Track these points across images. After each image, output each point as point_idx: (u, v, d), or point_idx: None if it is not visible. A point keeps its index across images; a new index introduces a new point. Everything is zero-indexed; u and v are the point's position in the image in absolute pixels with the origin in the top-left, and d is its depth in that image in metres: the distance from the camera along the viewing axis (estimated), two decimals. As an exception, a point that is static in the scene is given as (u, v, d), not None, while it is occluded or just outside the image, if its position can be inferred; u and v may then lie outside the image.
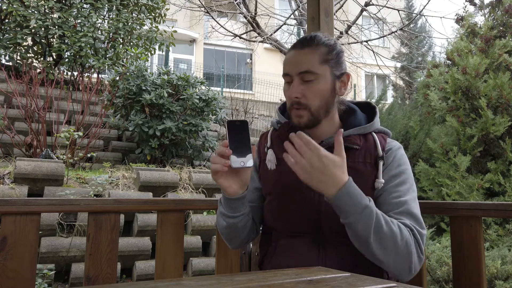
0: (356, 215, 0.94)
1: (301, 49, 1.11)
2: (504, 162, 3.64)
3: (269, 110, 9.92)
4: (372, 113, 1.20)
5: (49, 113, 4.67)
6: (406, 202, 1.05)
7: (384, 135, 1.18)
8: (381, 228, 0.95)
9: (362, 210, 0.94)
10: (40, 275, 2.86)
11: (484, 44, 4.09)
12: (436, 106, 4.16)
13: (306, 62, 1.09)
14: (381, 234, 0.95)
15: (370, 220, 0.94)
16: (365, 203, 0.95)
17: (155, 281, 0.65)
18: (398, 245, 0.96)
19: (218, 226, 1.18)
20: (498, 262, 2.68)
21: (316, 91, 1.09)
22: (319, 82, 1.09)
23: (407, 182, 1.09)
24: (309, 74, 1.08)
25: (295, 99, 1.08)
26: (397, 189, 1.08)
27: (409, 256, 0.97)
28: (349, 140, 1.12)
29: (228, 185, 1.04)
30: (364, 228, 0.94)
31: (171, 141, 4.71)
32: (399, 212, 1.04)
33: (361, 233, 0.95)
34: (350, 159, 1.10)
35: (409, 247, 0.97)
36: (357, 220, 0.94)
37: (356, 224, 0.95)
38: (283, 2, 13.13)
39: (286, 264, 1.08)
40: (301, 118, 1.10)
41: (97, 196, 3.60)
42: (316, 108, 1.09)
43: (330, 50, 1.11)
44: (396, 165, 1.11)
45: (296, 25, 9.11)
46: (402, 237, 0.97)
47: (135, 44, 6.86)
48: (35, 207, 1.23)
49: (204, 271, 3.49)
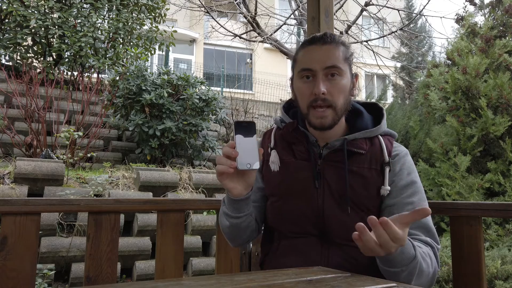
0: (403, 267, 0.90)
1: (323, 44, 1.07)
2: (504, 162, 3.64)
3: (269, 110, 9.91)
4: (379, 115, 1.17)
5: (49, 113, 4.67)
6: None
7: (390, 137, 1.15)
8: (422, 271, 0.93)
9: (410, 261, 0.90)
10: (40, 275, 2.86)
11: (484, 44, 4.09)
12: (436, 106, 4.16)
13: (332, 57, 1.05)
14: (420, 274, 0.93)
15: (414, 269, 0.91)
16: (413, 254, 0.90)
17: (155, 281, 0.65)
18: (428, 273, 0.95)
19: (220, 225, 1.17)
20: (498, 262, 2.68)
21: (341, 87, 1.05)
22: (342, 78, 1.06)
23: (418, 192, 1.07)
24: (336, 69, 1.05)
25: (322, 95, 1.03)
26: (410, 200, 1.04)
27: (433, 278, 0.97)
28: (355, 144, 1.09)
29: (233, 186, 1.01)
30: (407, 275, 0.91)
31: (171, 141, 4.71)
32: (415, 227, 1.02)
33: (403, 279, 0.91)
34: (355, 164, 1.08)
35: (435, 271, 0.97)
36: (403, 271, 0.90)
37: (401, 274, 0.91)
38: (283, 2, 13.13)
39: (288, 264, 1.07)
40: (325, 119, 1.05)
41: (97, 196, 3.59)
42: (340, 107, 1.06)
43: (347, 49, 1.09)
44: (406, 174, 1.08)
45: (296, 25, 9.10)
46: (432, 265, 0.97)
47: (135, 44, 6.86)
48: (35, 207, 1.23)
49: (204, 271, 3.49)
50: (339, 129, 1.12)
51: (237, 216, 1.09)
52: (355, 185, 1.06)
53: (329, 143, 1.10)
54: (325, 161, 1.10)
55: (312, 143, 1.13)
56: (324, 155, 1.11)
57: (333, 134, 1.11)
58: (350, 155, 1.09)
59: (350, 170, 1.07)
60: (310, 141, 1.13)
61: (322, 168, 1.10)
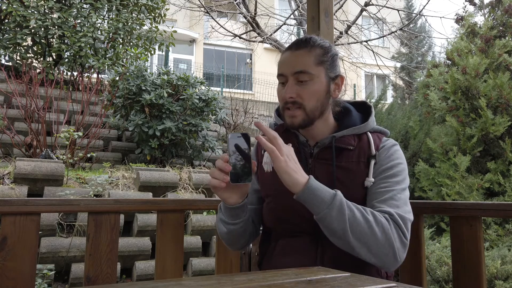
0: (328, 205, 0.94)
1: (296, 50, 1.11)
2: (504, 162, 3.64)
3: (269, 110, 9.92)
4: (369, 112, 1.20)
5: (49, 113, 4.67)
6: (392, 191, 1.04)
7: (380, 134, 1.18)
8: (354, 215, 0.94)
9: (332, 199, 0.95)
10: (40, 275, 2.86)
11: (484, 44, 4.09)
12: (436, 106, 4.16)
13: (301, 62, 1.09)
14: (356, 222, 0.94)
15: (342, 208, 0.94)
16: (333, 192, 0.96)
17: (155, 281, 0.65)
18: (375, 232, 0.94)
19: (218, 231, 1.19)
20: (498, 262, 2.68)
21: (311, 91, 1.08)
22: (314, 82, 1.09)
23: (398, 175, 1.08)
24: (304, 74, 1.08)
25: (289, 99, 1.08)
26: (385, 180, 1.07)
27: (389, 242, 0.95)
28: (343, 140, 1.12)
29: (228, 196, 1.05)
30: (338, 217, 0.94)
31: (171, 141, 4.71)
32: (381, 200, 1.03)
33: (336, 224, 0.94)
34: (344, 159, 1.11)
35: (387, 233, 0.95)
36: (330, 210, 0.94)
37: (330, 215, 0.94)
38: (283, 2, 13.12)
39: (284, 263, 1.09)
40: (295, 118, 1.09)
41: (97, 196, 3.59)
42: (311, 109, 1.09)
43: (325, 52, 1.11)
44: (387, 160, 1.10)
45: (296, 25, 9.11)
46: (377, 223, 0.95)
47: (135, 44, 6.86)
48: (35, 207, 1.23)
49: (204, 271, 3.49)
50: (329, 128, 1.16)
51: (234, 223, 1.11)
52: (343, 179, 1.09)
53: (319, 142, 1.14)
54: (316, 160, 1.13)
55: (303, 143, 1.16)
56: (315, 153, 1.14)
57: (323, 133, 1.15)
58: (339, 151, 1.12)
59: (339, 166, 1.10)
60: (300, 141, 1.16)
61: (313, 166, 1.13)
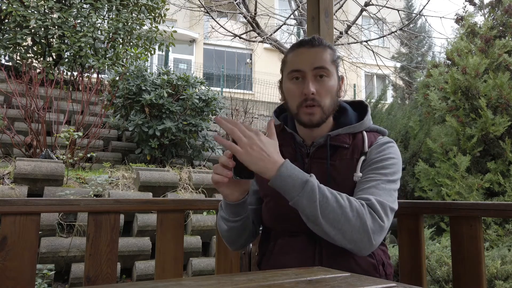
0: (298, 192, 0.93)
1: (312, 47, 1.12)
2: (503, 162, 3.64)
3: (269, 110, 9.91)
4: (365, 112, 1.21)
5: (49, 113, 4.67)
6: (375, 181, 1.03)
7: (376, 133, 1.18)
8: (326, 201, 0.93)
9: (303, 185, 0.93)
10: (40, 275, 2.86)
11: (484, 44, 4.09)
12: (436, 106, 4.16)
13: (320, 58, 1.10)
14: (328, 208, 0.93)
15: (313, 194, 0.93)
16: (305, 178, 0.95)
17: (155, 281, 0.65)
18: (348, 217, 0.93)
19: (219, 229, 1.19)
20: (498, 262, 2.68)
21: (328, 88, 1.10)
22: (330, 79, 1.11)
23: (386, 168, 1.07)
24: (324, 70, 1.09)
25: (311, 95, 1.08)
26: (372, 172, 1.06)
27: (364, 227, 0.93)
28: (338, 139, 1.13)
29: (229, 192, 1.05)
30: (309, 203, 0.93)
31: (171, 141, 4.71)
32: (363, 188, 1.02)
33: (308, 210, 0.93)
34: (339, 157, 1.12)
35: (362, 217, 0.94)
36: (301, 197, 0.93)
37: (301, 201, 0.93)
38: (283, 2, 13.12)
39: (283, 262, 1.10)
40: (313, 116, 1.10)
41: (97, 196, 3.59)
42: (328, 107, 1.11)
43: (334, 53, 1.15)
44: (377, 155, 1.10)
45: (295, 25, 9.10)
46: (352, 208, 0.94)
47: (135, 44, 6.85)
48: (35, 207, 1.23)
49: (204, 271, 3.49)
50: (326, 128, 1.17)
51: (235, 220, 1.12)
52: (337, 177, 1.10)
53: (315, 142, 1.15)
54: (312, 159, 1.14)
55: (299, 144, 1.17)
56: (311, 153, 1.15)
57: (320, 132, 1.15)
58: (334, 150, 1.13)
59: (333, 164, 1.11)
60: (297, 141, 1.18)
61: (309, 166, 1.14)
